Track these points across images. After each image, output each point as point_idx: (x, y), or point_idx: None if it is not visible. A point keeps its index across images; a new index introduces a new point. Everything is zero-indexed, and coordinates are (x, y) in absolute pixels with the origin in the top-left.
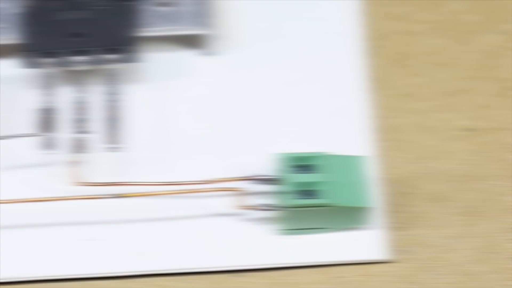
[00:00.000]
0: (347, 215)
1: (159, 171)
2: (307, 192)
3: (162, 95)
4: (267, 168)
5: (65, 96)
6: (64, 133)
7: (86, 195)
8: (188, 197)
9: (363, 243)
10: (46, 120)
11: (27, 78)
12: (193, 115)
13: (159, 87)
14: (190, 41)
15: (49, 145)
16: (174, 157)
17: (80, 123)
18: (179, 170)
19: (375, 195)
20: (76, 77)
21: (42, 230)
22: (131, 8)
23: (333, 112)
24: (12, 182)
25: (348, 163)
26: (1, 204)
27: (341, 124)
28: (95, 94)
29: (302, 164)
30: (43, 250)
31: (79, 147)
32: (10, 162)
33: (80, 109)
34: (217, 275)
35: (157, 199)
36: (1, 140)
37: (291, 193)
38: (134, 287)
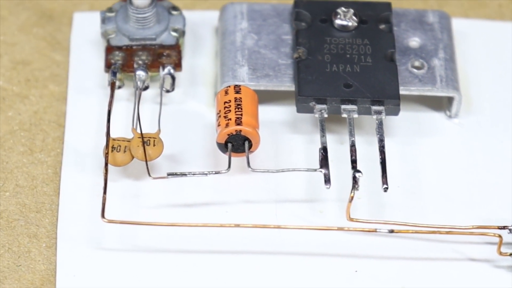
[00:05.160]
0: None
1: (413, 216)
2: None
3: (413, 149)
4: None
5: (337, 138)
6: (337, 171)
7: (362, 228)
8: (444, 241)
9: None
10: (322, 158)
11: (299, 122)
12: (441, 169)
13: (410, 141)
14: (437, 103)
15: (325, 181)
16: (426, 204)
17: (352, 163)
18: (432, 216)
19: None
20: (346, 123)
21: (316, 258)
22: (393, 68)
23: None
24: (286, 213)
25: None
26: (286, 230)
27: None
28: (362, 140)
29: None
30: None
31: (352, 185)
32: (283, 195)
33: (351, 151)
34: None
35: (414, 240)
36: (276, 173)
37: None
38: None
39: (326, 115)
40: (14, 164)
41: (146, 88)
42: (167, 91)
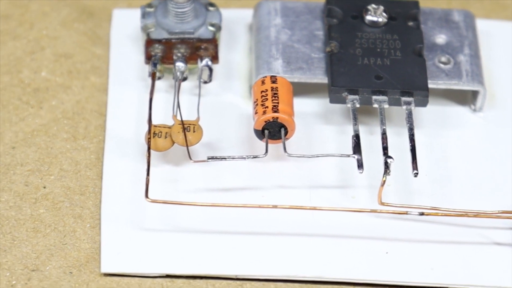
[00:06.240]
0: None
1: (441, 203)
2: None
3: (439, 140)
4: None
5: (367, 129)
6: (367, 160)
7: (393, 210)
8: (471, 226)
9: None
10: (354, 144)
11: (330, 113)
12: (467, 159)
13: (437, 134)
14: (462, 97)
15: (358, 166)
16: (453, 192)
17: (383, 150)
18: (459, 203)
19: None
20: (377, 112)
21: (349, 240)
22: (421, 62)
23: None
24: (319, 198)
25: None
26: (320, 214)
27: None
28: (391, 131)
29: None
30: (348, 256)
31: (384, 170)
32: (317, 181)
33: (383, 139)
34: None
35: (442, 225)
36: (310, 161)
37: None
38: None
39: (358, 105)
40: (58, 150)
41: (185, 79)
42: (205, 82)
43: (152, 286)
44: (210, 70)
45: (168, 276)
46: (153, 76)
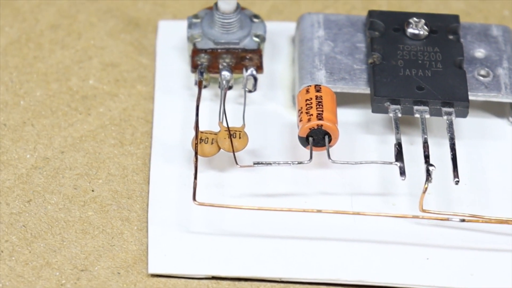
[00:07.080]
0: None
1: (480, 211)
2: None
3: (478, 151)
4: None
5: (407, 139)
6: (407, 169)
7: (435, 217)
8: (511, 235)
9: None
10: (397, 152)
11: (371, 123)
12: (506, 170)
13: (476, 144)
14: (500, 110)
15: (400, 173)
16: (493, 201)
17: (425, 158)
18: (498, 212)
19: None
20: (416, 123)
21: (390, 246)
22: (462, 74)
23: None
24: (360, 204)
25: None
26: (361, 220)
27: None
28: (431, 141)
29: None
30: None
31: (426, 177)
32: (358, 188)
33: (424, 147)
34: None
35: (482, 233)
36: (351, 169)
37: None
38: None
39: (400, 115)
40: (106, 155)
41: (230, 87)
42: (250, 91)
43: (198, 287)
44: (255, 79)
45: (213, 277)
46: (199, 84)
